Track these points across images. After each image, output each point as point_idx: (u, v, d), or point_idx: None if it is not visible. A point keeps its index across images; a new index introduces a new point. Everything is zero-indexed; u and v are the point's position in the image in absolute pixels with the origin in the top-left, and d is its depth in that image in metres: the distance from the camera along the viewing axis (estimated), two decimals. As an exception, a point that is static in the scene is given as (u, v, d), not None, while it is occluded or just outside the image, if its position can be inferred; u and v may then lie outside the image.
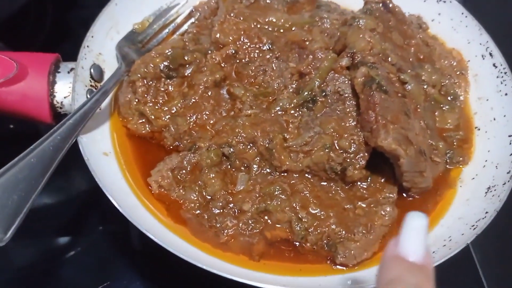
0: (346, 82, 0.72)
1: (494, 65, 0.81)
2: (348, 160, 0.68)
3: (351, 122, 0.70)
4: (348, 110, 0.71)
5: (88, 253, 0.81)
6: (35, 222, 0.80)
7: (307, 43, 0.75)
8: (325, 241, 0.66)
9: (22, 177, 0.58)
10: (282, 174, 0.70)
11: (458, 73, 0.84)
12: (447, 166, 0.76)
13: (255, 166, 0.70)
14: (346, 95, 0.71)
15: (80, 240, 0.83)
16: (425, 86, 0.79)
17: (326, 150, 0.68)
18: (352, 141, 0.68)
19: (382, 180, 0.70)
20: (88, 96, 0.71)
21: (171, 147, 0.73)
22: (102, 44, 0.77)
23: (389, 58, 0.75)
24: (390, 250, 0.35)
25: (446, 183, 0.74)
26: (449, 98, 0.81)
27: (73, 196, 0.89)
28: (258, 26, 0.80)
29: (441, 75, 0.82)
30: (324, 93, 0.72)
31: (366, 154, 0.68)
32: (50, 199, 0.87)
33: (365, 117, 0.68)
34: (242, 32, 0.79)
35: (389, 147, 0.64)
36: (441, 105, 0.80)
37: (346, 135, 0.69)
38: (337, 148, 0.68)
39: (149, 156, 0.72)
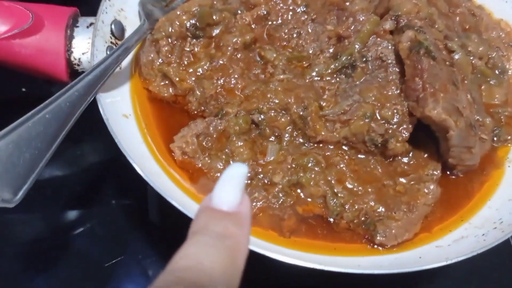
0: (389, 47, 0.66)
1: (548, 37, 0.75)
2: (390, 131, 0.62)
3: (394, 90, 0.64)
4: (390, 77, 0.65)
5: (100, 227, 0.75)
6: (45, 194, 0.76)
7: (347, 3, 0.69)
8: (362, 219, 0.60)
9: (35, 133, 0.53)
10: (317, 145, 0.64)
11: (506, 45, 0.77)
12: (494, 144, 0.70)
13: (287, 135, 0.64)
14: (389, 61, 0.65)
15: (92, 214, 0.77)
16: (471, 58, 0.73)
17: (367, 120, 0.62)
18: (395, 110, 0.62)
19: (425, 156, 0.64)
20: (108, 53, 0.66)
21: (196, 112, 0.67)
22: (124, -1, 0.71)
23: (436, 25, 0.68)
24: (204, 202, 0.33)
25: (493, 162, 0.68)
26: (496, 72, 0.75)
27: (84, 168, 0.83)
28: (292, -14, 0.74)
29: (489, 47, 0.75)
30: (364, 59, 0.66)
31: (410, 125, 0.62)
32: (61, 171, 0.81)
33: (410, 85, 0.62)
34: (275, -8, 0.72)
35: (439, 117, 0.58)
36: (488, 79, 0.74)
37: (388, 104, 0.62)
38: (379, 118, 0.62)
39: (171, 121, 0.67)
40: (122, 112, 0.64)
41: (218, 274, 0.28)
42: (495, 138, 0.70)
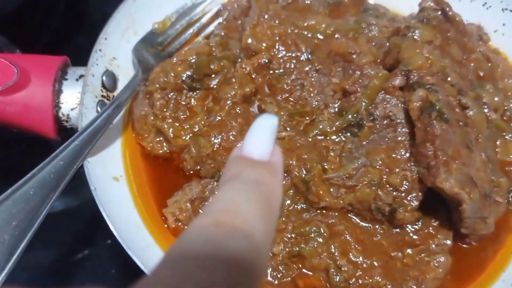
0: (399, 105, 0.61)
1: None
2: (398, 199, 0.58)
3: (403, 153, 0.59)
4: (399, 138, 0.60)
5: (93, 274, 0.72)
6: (40, 232, 0.72)
7: (354, 56, 0.65)
8: (367, 295, 0.56)
9: (16, 211, 0.49)
10: (320, 211, 0.60)
11: (523, 95, 0.73)
12: (510, 206, 0.65)
13: (288, 200, 0.60)
14: (398, 120, 0.61)
15: (86, 255, 0.74)
16: (485, 110, 0.68)
17: (373, 187, 0.58)
18: (404, 177, 0.58)
19: (435, 224, 0.60)
20: (99, 110, 0.62)
21: (192, 172, 0.63)
22: (117, 47, 0.67)
23: (448, 78, 0.64)
24: (235, 151, 0.33)
25: (508, 227, 0.64)
26: (512, 125, 0.70)
27: (80, 202, 0.80)
28: (296, 31, 0.69)
29: (504, 97, 0.71)
30: (372, 117, 0.62)
31: (419, 193, 0.58)
32: (54, 203, 0.78)
33: (421, 150, 0.57)
34: (277, 38, 0.68)
35: (451, 190, 0.54)
36: (504, 134, 0.69)
37: (397, 170, 0.58)
38: (386, 185, 0.58)
39: (165, 181, 0.63)
40: (112, 174, 0.60)
41: (255, 217, 0.28)
42: (510, 199, 0.65)
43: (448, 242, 0.59)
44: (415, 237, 0.59)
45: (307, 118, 0.64)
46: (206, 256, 0.25)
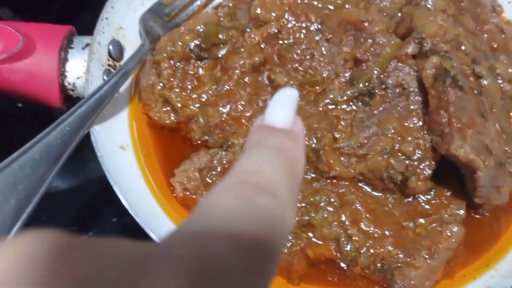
0: (412, 73, 0.60)
1: None
2: (411, 168, 0.56)
3: (415, 122, 0.58)
4: (412, 107, 0.59)
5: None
6: (40, 209, 0.72)
7: (366, 24, 0.63)
8: (378, 265, 0.55)
9: (22, 176, 0.48)
10: (330, 180, 0.59)
11: (538, 66, 0.71)
12: (524, 178, 0.64)
13: (298, 169, 0.59)
14: (411, 89, 0.60)
15: (90, 233, 0.73)
16: (499, 81, 0.67)
17: (385, 155, 0.56)
18: (417, 145, 0.57)
19: (448, 193, 0.59)
20: (105, 78, 0.61)
21: (199, 142, 0.62)
22: (123, 16, 0.66)
23: (462, 47, 0.62)
24: (257, 121, 0.33)
25: (522, 198, 0.63)
26: (526, 96, 0.69)
27: (85, 181, 0.79)
28: (306, 1, 0.68)
29: (519, 69, 0.69)
30: (384, 86, 0.60)
31: (432, 162, 0.57)
32: (61, 183, 0.77)
33: (435, 118, 0.56)
34: (287, 8, 0.67)
35: (466, 157, 0.53)
36: (518, 105, 0.67)
37: (410, 138, 0.57)
38: (399, 153, 0.57)
39: (173, 151, 0.62)
40: (119, 143, 0.59)
41: (279, 179, 0.28)
42: (524, 171, 0.64)
43: (461, 212, 0.58)
44: (427, 207, 0.58)
45: (317, 87, 0.63)
46: (235, 209, 0.25)
